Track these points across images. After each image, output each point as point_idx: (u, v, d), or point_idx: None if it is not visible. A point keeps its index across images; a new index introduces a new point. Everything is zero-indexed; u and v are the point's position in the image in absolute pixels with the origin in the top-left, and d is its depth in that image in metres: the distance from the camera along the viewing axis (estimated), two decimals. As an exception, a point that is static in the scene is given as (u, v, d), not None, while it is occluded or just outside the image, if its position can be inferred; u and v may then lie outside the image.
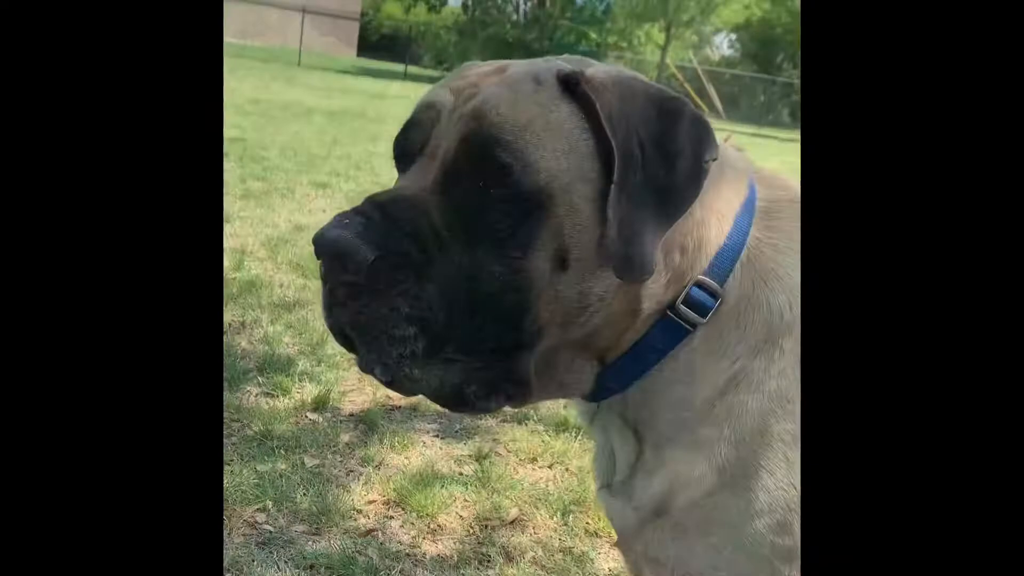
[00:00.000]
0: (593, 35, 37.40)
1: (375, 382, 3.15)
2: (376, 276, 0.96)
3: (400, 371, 1.00)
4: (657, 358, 1.07)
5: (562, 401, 3.24)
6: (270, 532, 2.20)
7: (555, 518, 2.42)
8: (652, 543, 1.13)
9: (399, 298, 0.96)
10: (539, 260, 0.99)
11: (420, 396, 2.05)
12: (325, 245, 0.96)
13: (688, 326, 1.06)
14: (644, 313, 1.06)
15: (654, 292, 1.05)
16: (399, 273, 0.96)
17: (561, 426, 2.99)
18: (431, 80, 33.53)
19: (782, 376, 1.03)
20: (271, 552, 2.12)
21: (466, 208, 1.00)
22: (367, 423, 2.85)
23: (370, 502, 2.40)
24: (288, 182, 6.80)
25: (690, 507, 1.08)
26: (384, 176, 7.78)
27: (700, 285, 1.05)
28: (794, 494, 1.02)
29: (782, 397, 1.03)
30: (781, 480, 1.03)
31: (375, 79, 26.08)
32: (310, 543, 2.17)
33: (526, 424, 3.00)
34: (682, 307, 1.05)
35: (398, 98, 19.11)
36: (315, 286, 4.17)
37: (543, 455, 2.78)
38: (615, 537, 2.32)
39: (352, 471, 2.55)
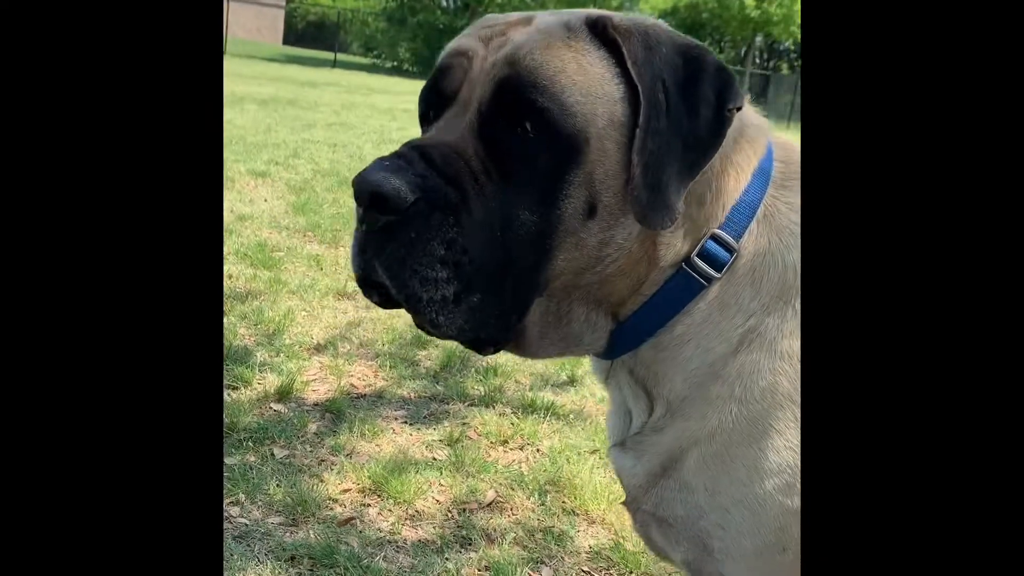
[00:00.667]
0: (524, 21, 37.17)
1: (336, 371, 3.11)
2: (414, 217, 0.96)
3: (427, 315, 1.00)
4: (672, 313, 1.08)
5: (527, 383, 3.26)
6: (246, 525, 2.15)
7: (532, 499, 2.43)
8: (661, 503, 1.14)
9: (435, 241, 0.96)
10: (570, 206, 1.00)
11: (384, 383, 2.02)
12: (366, 186, 0.96)
13: (703, 280, 1.06)
14: (660, 264, 1.06)
15: (671, 242, 1.06)
16: (437, 216, 0.96)
17: (529, 408, 3.00)
18: (361, 67, 33.11)
19: (793, 336, 1.04)
20: (249, 545, 2.07)
21: (503, 153, 1.00)
22: (333, 412, 2.81)
23: (345, 491, 2.36)
24: (226, 171, 6.62)
25: (699, 466, 1.08)
26: (323, 164, 7.65)
27: (715, 239, 1.06)
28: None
29: (793, 356, 1.04)
30: (790, 440, 1.04)
31: (303, 67, 25.62)
32: (288, 534, 2.13)
33: (494, 407, 2.99)
34: (697, 260, 1.05)
35: (329, 85, 18.80)
36: (266, 276, 4.09)
37: (513, 437, 2.78)
38: (608, 505, 2.35)
39: (324, 460, 2.51)
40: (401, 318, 3.80)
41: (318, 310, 3.77)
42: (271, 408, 2.80)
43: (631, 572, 2.16)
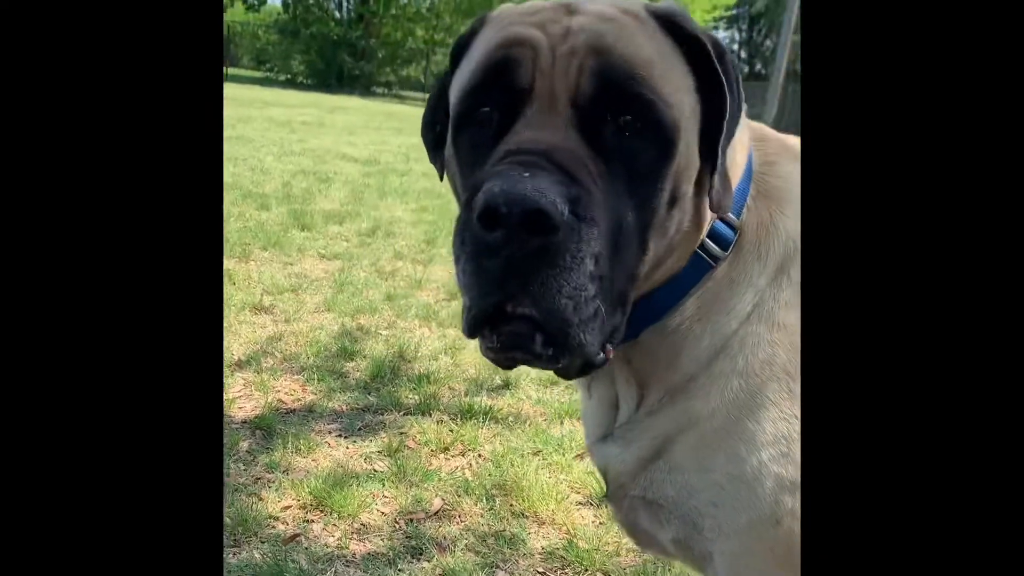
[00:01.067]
0: (420, 32, 37.29)
1: (262, 386, 2.99)
2: (569, 233, 0.86)
3: (576, 338, 0.90)
4: (680, 295, 1.07)
5: (462, 389, 3.21)
6: (182, 552, 2.02)
7: (480, 504, 2.38)
8: (651, 485, 1.12)
9: (588, 257, 0.88)
10: (662, 199, 0.96)
11: (314, 397, 1.83)
12: (518, 202, 0.83)
13: (711, 261, 1.06)
14: (679, 249, 1.04)
15: (703, 225, 1.06)
16: (585, 228, 0.87)
17: (466, 414, 2.95)
18: (253, 81, 32.30)
19: (789, 307, 1.05)
20: (188, 572, 1.95)
21: (608, 150, 0.94)
22: (264, 428, 2.69)
23: (286, 508, 2.26)
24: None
25: (694, 446, 1.07)
26: (225, 178, 7.40)
27: (722, 219, 1.06)
28: (796, 424, 1.03)
29: (788, 328, 1.04)
30: (786, 411, 1.03)
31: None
32: (231, 555, 2.02)
33: (431, 415, 2.93)
34: (708, 241, 1.05)
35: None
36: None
37: (454, 444, 2.73)
38: (557, 505, 2.32)
39: (260, 478, 2.39)
40: (324, 330, 3.69)
41: (235, 325, 3.62)
42: (197, 428, 2.66)
43: (586, 570, 2.14)
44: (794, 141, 1.18)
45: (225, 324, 3.61)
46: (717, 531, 1.07)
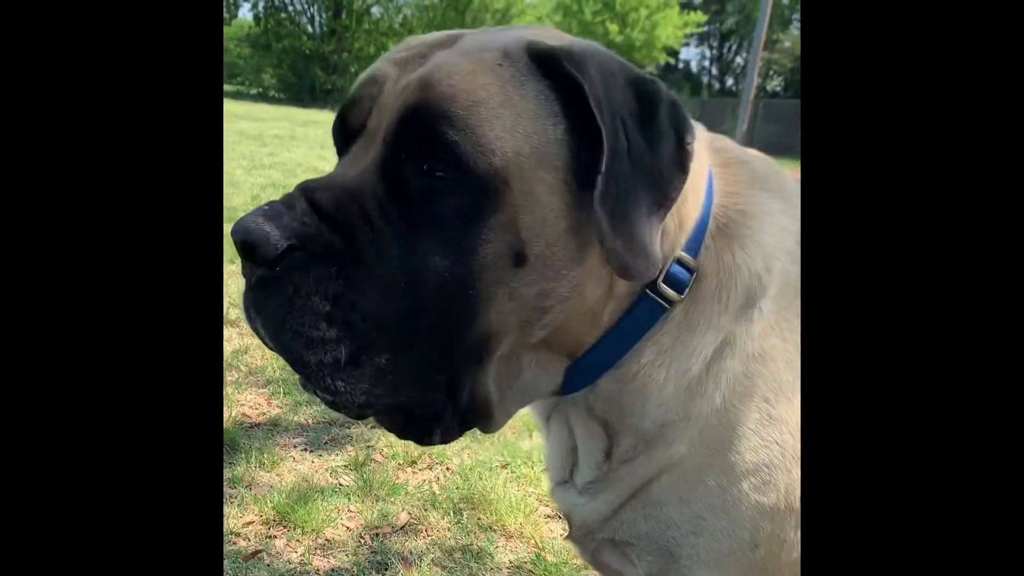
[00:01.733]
0: (392, 46, 37.31)
1: (227, 400, 2.93)
2: (292, 270, 0.85)
3: (321, 381, 0.87)
4: (633, 341, 1.01)
5: (430, 402, 3.17)
6: (139, 570, 1.97)
7: (447, 518, 2.34)
8: (621, 527, 1.09)
9: (315, 296, 0.85)
10: (491, 252, 0.88)
11: (279, 411, 1.87)
12: (236, 233, 0.85)
13: (665, 304, 1.00)
14: (618, 297, 1.00)
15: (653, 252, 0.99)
16: (318, 267, 0.85)
17: (434, 426, 2.92)
18: (224, 94, 32.11)
19: (763, 337, 1.02)
20: (144, 591, 1.89)
21: (406, 193, 0.88)
22: (227, 443, 2.63)
23: (248, 523, 2.21)
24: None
25: (674, 483, 1.04)
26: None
27: (678, 261, 1.00)
28: (777, 451, 1.02)
29: (764, 357, 1.02)
30: (766, 438, 1.02)
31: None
32: (189, 575, 1.97)
33: (397, 428, 2.89)
34: (663, 286, 1.00)
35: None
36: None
37: (421, 457, 2.69)
38: (524, 518, 2.30)
39: (223, 494, 2.34)
40: (291, 343, 3.64)
41: (201, 338, 3.56)
42: (157, 443, 2.60)
43: (554, 584, 2.11)
44: (761, 164, 1.13)
45: (190, 337, 3.55)
46: (695, 559, 1.05)
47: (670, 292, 0.99)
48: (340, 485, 2.47)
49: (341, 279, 0.86)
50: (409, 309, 0.88)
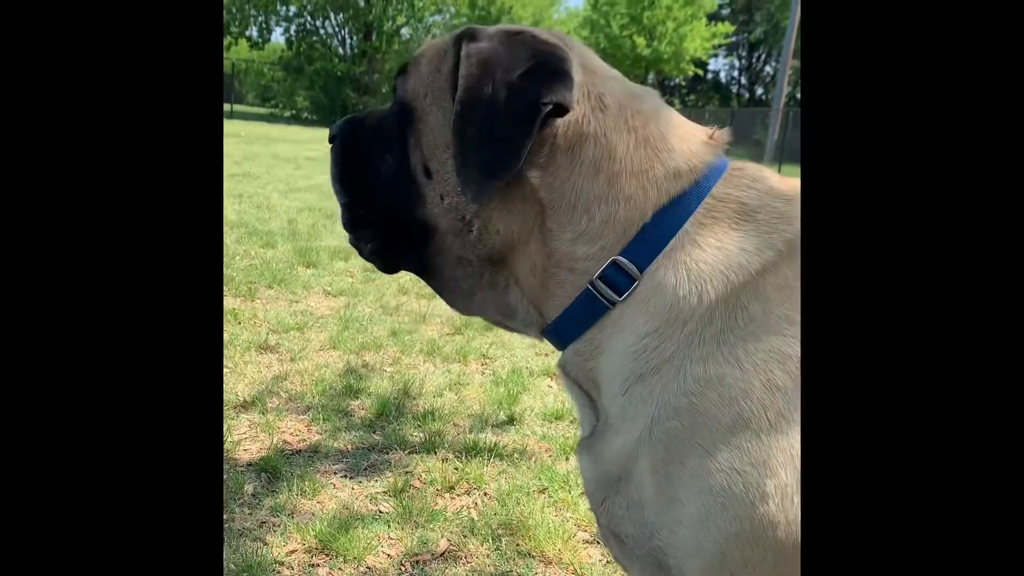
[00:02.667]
0: (422, 66, 37.43)
1: (267, 427, 2.99)
2: (331, 149, 1.31)
3: (343, 218, 1.31)
4: (584, 327, 1.10)
5: (467, 426, 3.20)
6: (187, 599, 2.01)
7: (486, 544, 2.36)
8: (612, 519, 1.11)
9: (335, 165, 1.30)
10: (412, 161, 1.19)
11: (319, 437, 2.10)
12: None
13: (606, 303, 1.08)
14: (561, 272, 1.12)
15: (567, 251, 1.10)
16: (340, 155, 1.30)
17: (471, 451, 2.94)
18: (259, 117, 32.64)
19: (706, 362, 1.01)
20: (192, 621, 1.93)
21: (382, 114, 1.28)
22: (269, 471, 2.68)
23: (291, 552, 2.25)
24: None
25: (645, 484, 1.05)
26: (230, 215, 7.45)
27: (617, 265, 1.07)
28: (738, 479, 0.99)
29: (710, 381, 1.01)
30: (722, 464, 0.99)
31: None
32: (236, 605, 2.01)
33: (436, 453, 2.92)
34: (598, 282, 1.08)
35: (228, 136, 18.40)
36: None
37: (459, 483, 2.71)
38: (563, 544, 2.31)
39: (265, 522, 2.38)
40: (329, 368, 3.70)
41: (241, 366, 3.62)
42: (202, 472, 2.65)
43: (594, 611, 2.11)
44: (752, 196, 1.12)
45: (231, 364, 3.61)
46: (680, 572, 1.05)
47: (609, 292, 1.07)
48: (380, 512, 2.50)
49: (339, 165, 1.30)
50: (372, 189, 1.26)
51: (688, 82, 51.48)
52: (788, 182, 1.13)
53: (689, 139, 1.15)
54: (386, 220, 1.23)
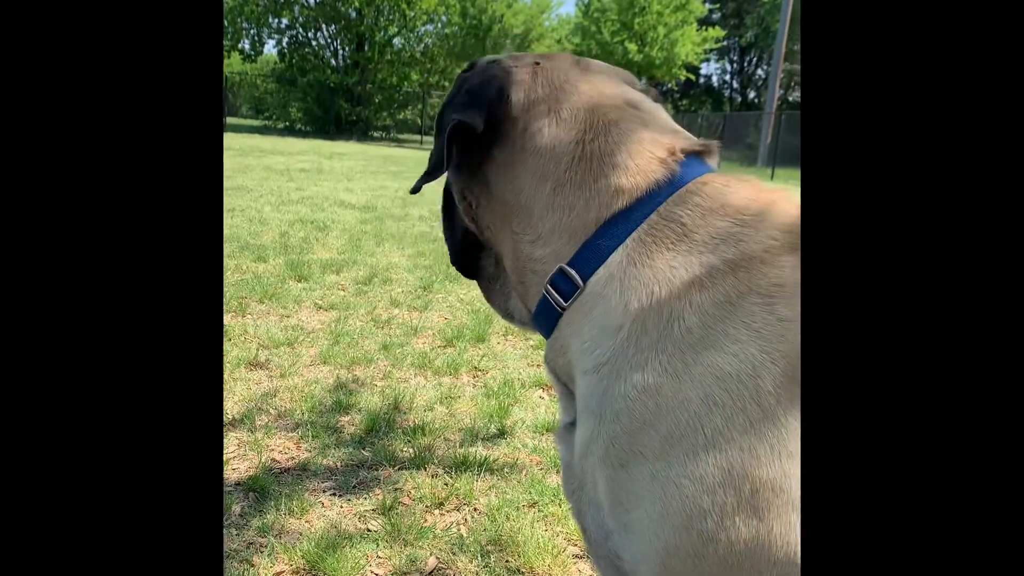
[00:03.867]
0: (415, 76, 37.63)
1: (256, 446, 2.96)
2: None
3: None
4: (550, 326, 1.17)
5: (458, 440, 3.18)
6: (172, 625, 1.99)
7: (475, 561, 2.35)
8: (580, 512, 1.13)
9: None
10: (455, 193, 1.35)
11: (308, 454, 2.22)
12: None
13: (556, 307, 1.15)
14: (529, 272, 1.21)
15: (528, 253, 1.21)
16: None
17: (461, 465, 2.93)
18: (252, 129, 32.65)
19: (644, 369, 1.02)
20: (177, 647, 1.91)
21: None
22: (257, 490, 2.66)
23: (278, 574, 2.23)
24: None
25: (595, 483, 1.07)
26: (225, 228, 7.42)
27: (562, 272, 1.14)
28: (675, 491, 0.97)
29: (647, 389, 1.01)
30: (660, 473, 0.99)
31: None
32: (221, 629, 1.98)
33: (426, 468, 2.91)
34: (549, 287, 1.15)
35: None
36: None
37: (449, 499, 2.70)
38: (552, 559, 2.29)
39: (252, 543, 2.37)
40: (319, 384, 3.68)
41: (230, 383, 3.60)
42: (189, 493, 2.63)
43: (584, 627, 2.10)
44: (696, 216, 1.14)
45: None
46: None
47: (556, 296, 1.15)
48: (368, 531, 2.49)
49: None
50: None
51: (680, 87, 51.60)
52: (759, 197, 1.12)
53: (640, 155, 1.17)
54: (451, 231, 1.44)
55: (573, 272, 1.12)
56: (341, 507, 2.63)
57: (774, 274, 0.99)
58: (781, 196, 1.14)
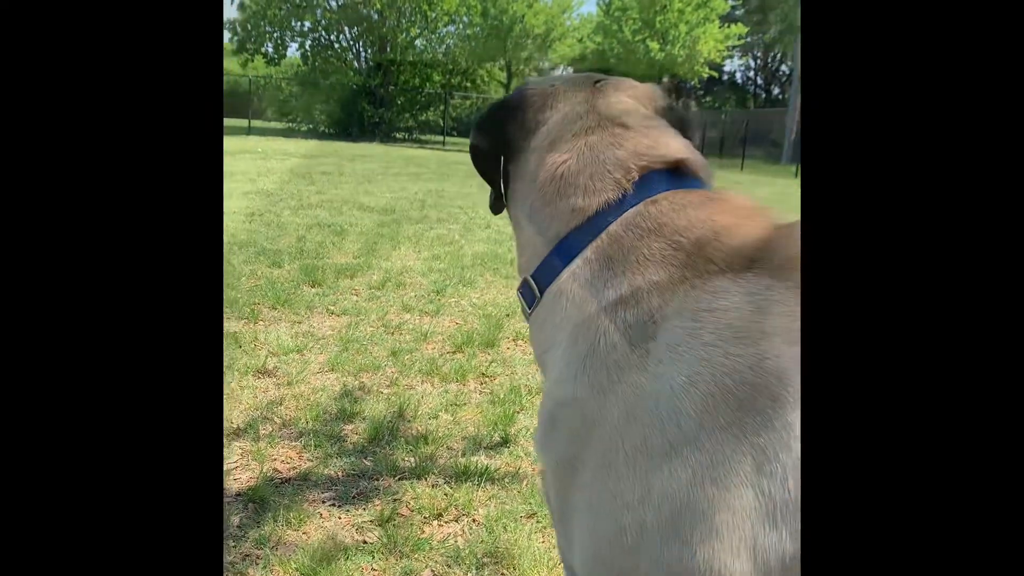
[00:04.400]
0: (437, 77, 37.75)
1: (259, 455, 2.97)
2: None
3: None
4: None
5: (460, 448, 3.18)
6: (163, 639, 1.99)
7: (469, 574, 2.33)
8: (550, 507, 1.14)
9: None
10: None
11: (309, 463, 2.26)
12: None
13: (525, 313, 1.27)
14: (521, 273, 1.30)
15: (518, 258, 1.35)
16: None
17: (462, 475, 2.91)
18: (277, 132, 32.92)
19: (575, 381, 1.06)
20: (167, 661, 1.92)
21: None
22: (256, 501, 2.67)
23: (272, 587, 2.23)
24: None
25: (548, 482, 1.12)
26: (240, 235, 7.49)
27: (527, 282, 1.25)
28: (597, 504, 0.98)
29: (576, 399, 1.05)
30: (583, 484, 1.00)
31: (217, 136, 25.23)
32: (211, 644, 1.99)
33: (426, 478, 2.90)
34: (519, 293, 1.28)
35: (244, 153, 18.58)
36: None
37: (448, 509, 2.69)
38: (547, 573, 2.28)
39: (248, 555, 2.37)
40: (325, 391, 3.69)
41: (237, 392, 3.62)
42: (189, 503, 2.64)
43: (577, 643, 2.07)
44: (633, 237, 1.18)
45: (227, 391, 3.62)
46: None
47: (522, 301, 1.28)
48: (364, 543, 2.48)
49: None
50: None
51: (704, 84, 51.29)
52: (710, 219, 1.11)
53: (601, 176, 1.21)
54: None
55: (534, 283, 1.23)
56: (339, 518, 2.63)
57: (703, 298, 0.99)
58: (749, 218, 1.12)
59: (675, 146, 1.27)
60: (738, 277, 0.99)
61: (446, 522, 2.64)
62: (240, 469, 2.92)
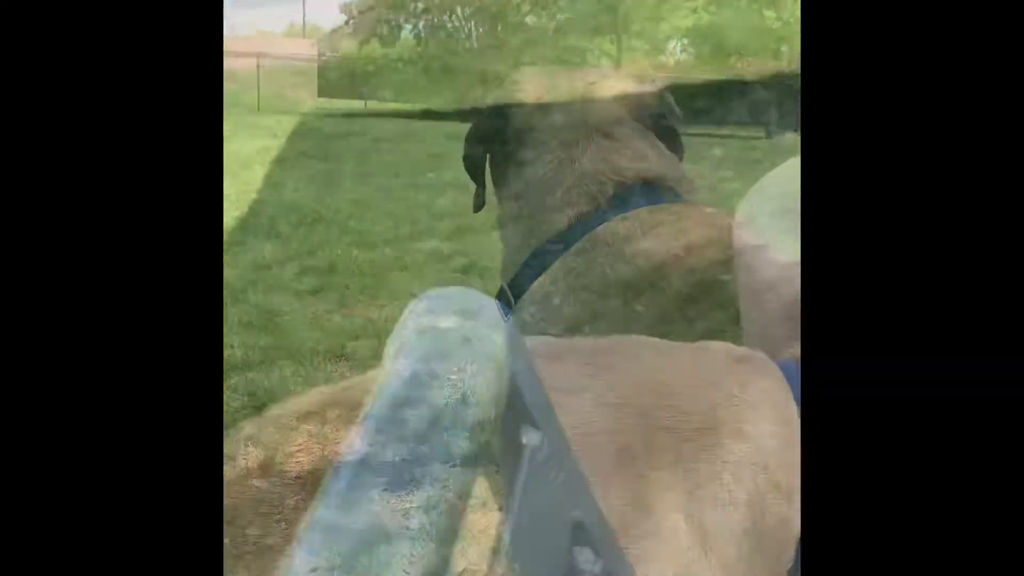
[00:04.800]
0: (549, 53, 37.79)
1: (323, 438, 3.09)
2: None
3: None
4: None
5: (514, 438, 3.22)
6: (209, 613, 2.14)
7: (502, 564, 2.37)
8: None
9: None
10: None
11: (368, 451, 2.49)
12: None
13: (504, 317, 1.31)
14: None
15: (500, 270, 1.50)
16: None
17: (512, 465, 2.96)
18: (395, 115, 33.69)
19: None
20: (210, 635, 2.05)
21: None
22: (313, 484, 2.79)
23: (313, 570, 2.34)
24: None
25: None
26: (349, 221, 7.75)
27: (502, 289, 1.33)
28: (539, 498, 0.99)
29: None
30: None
31: (333, 118, 26.14)
32: (250, 620, 2.12)
33: (480, 465, 2.95)
34: (497, 297, 1.31)
35: (351, 136, 19.16)
36: (263, 343, 4.13)
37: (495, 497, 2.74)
38: None
39: (297, 538, 2.49)
40: (396, 375, 3.80)
41: (313, 375, 3.79)
42: (252, 485, 2.80)
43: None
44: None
45: (304, 375, 3.79)
46: None
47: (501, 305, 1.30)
48: (407, 528, 2.56)
49: None
50: None
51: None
52: (663, 247, 1.10)
53: (576, 189, 1.29)
54: None
55: (508, 291, 1.30)
56: (388, 502, 2.71)
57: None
58: (709, 243, 1.11)
59: (655, 160, 1.27)
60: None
61: (492, 510, 2.68)
62: (303, 452, 3.05)
